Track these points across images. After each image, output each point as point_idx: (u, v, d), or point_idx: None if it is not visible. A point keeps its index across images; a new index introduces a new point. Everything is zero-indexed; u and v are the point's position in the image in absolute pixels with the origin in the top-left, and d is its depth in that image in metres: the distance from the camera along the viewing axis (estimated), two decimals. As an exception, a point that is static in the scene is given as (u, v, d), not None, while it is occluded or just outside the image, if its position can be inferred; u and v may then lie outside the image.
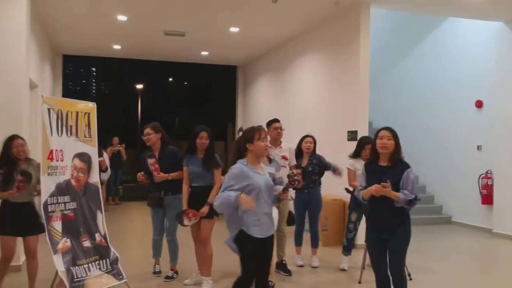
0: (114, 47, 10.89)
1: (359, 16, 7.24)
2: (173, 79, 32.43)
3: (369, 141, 5.89)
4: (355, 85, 7.37)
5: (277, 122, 5.50)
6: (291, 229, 5.88)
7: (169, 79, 33.06)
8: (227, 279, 5.37)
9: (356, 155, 5.91)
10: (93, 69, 52.18)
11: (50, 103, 3.92)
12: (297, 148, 5.92)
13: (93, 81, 53.87)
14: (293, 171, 4.94)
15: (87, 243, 4.13)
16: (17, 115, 5.77)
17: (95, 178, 4.39)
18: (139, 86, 27.96)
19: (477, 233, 8.47)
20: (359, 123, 7.25)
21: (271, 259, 3.78)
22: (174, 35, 9.40)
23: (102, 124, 4.53)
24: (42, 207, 3.80)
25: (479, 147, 8.79)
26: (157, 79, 32.08)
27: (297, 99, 9.72)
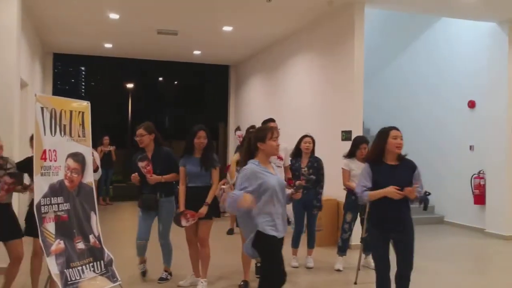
0: (105, 45, 10.78)
1: (353, 15, 7.23)
2: (165, 78, 32.26)
3: (365, 141, 5.90)
4: (349, 85, 7.35)
5: (273, 121, 5.46)
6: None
7: (160, 79, 32.88)
8: (223, 281, 5.34)
9: (350, 155, 5.89)
10: (82, 68, 51.79)
11: (43, 102, 3.83)
12: (296, 148, 5.88)
13: (82, 80, 53.44)
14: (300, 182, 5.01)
15: (81, 245, 4.04)
16: (8, 115, 5.67)
17: (89, 178, 4.31)
18: (129, 85, 27.76)
19: (470, 233, 8.51)
20: (353, 123, 7.23)
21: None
22: (166, 34, 9.32)
23: (92, 123, 4.42)
24: (35, 208, 3.71)
25: (471, 147, 8.83)
26: (148, 78, 31.92)
27: (291, 99, 9.69)
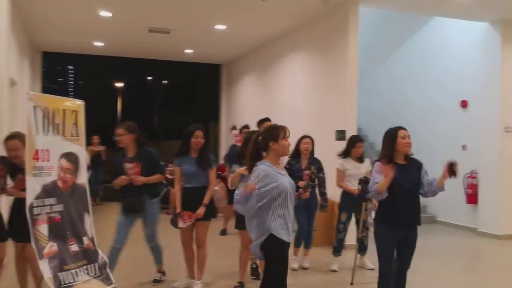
0: (96, 44, 10.64)
1: (348, 15, 7.20)
2: (155, 77, 31.99)
3: (360, 139, 5.90)
4: (343, 84, 7.32)
5: (269, 121, 5.42)
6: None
7: (151, 77, 32.61)
8: (218, 282, 5.28)
9: (346, 154, 5.86)
10: (71, 67, 51.32)
11: (36, 100, 3.72)
12: (295, 149, 5.81)
13: (71, 79, 52.97)
14: (308, 182, 5.10)
15: (74, 247, 3.95)
16: (-2, 113, 5.55)
17: (82, 179, 4.21)
18: (119, 84, 27.48)
19: (462, 232, 8.53)
20: (347, 123, 7.21)
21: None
22: (158, 32, 9.22)
23: (82, 123, 4.32)
24: (27, 210, 3.60)
25: (464, 147, 8.85)
26: (138, 77, 31.65)
27: (284, 98, 9.63)
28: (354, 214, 5.86)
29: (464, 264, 6.71)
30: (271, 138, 3.31)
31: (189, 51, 11.46)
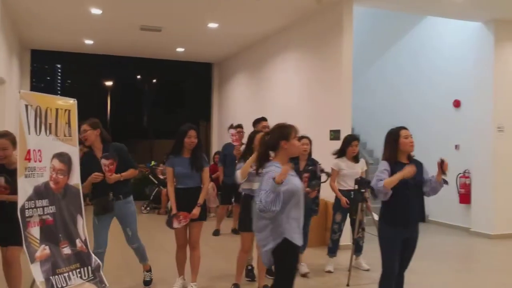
0: (86, 42, 10.48)
1: (342, 13, 7.16)
2: (145, 76, 31.73)
3: (357, 138, 5.86)
4: (337, 84, 7.28)
5: (265, 120, 5.34)
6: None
7: (141, 76, 32.35)
8: (213, 284, 5.20)
9: (341, 153, 5.82)
10: (58, 66, 50.75)
11: (28, 99, 3.60)
12: None
13: (59, 77, 52.43)
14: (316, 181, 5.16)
15: (67, 250, 3.84)
16: (-14, 112, 5.41)
17: (75, 180, 4.10)
18: (108, 83, 27.22)
19: (455, 232, 8.55)
20: (341, 122, 7.16)
21: None
22: (150, 30, 9.10)
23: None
24: (19, 212, 3.49)
25: (457, 146, 8.87)
26: (128, 76, 31.38)
27: (277, 98, 9.57)
28: (349, 214, 5.81)
29: (457, 263, 6.71)
30: (282, 137, 3.16)
31: (180, 50, 11.35)
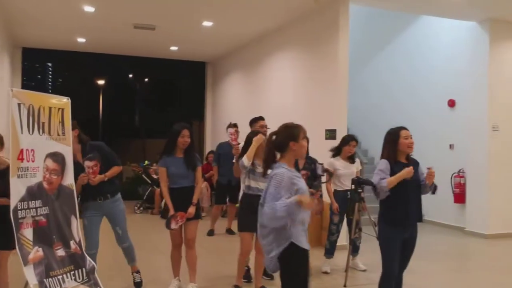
0: (78, 40, 10.36)
1: (338, 12, 7.12)
2: (138, 74, 31.52)
3: (355, 139, 5.81)
4: (333, 83, 7.24)
5: (262, 120, 5.29)
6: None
7: (134, 75, 32.13)
8: (211, 285, 5.13)
9: (337, 152, 5.78)
10: (49, 64, 50.34)
11: (20, 97, 3.52)
12: None
13: (50, 76, 52.02)
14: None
15: (61, 252, 3.76)
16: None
17: (69, 180, 4.02)
18: (101, 82, 27.02)
19: (450, 231, 8.54)
20: (337, 122, 7.13)
21: None
22: (143, 28, 9.01)
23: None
24: (11, 213, 3.41)
25: (451, 146, 8.87)
26: (121, 75, 31.17)
27: (272, 97, 9.51)
28: (346, 214, 5.76)
29: (452, 263, 6.70)
30: (291, 138, 3.05)
31: (174, 48, 11.26)
